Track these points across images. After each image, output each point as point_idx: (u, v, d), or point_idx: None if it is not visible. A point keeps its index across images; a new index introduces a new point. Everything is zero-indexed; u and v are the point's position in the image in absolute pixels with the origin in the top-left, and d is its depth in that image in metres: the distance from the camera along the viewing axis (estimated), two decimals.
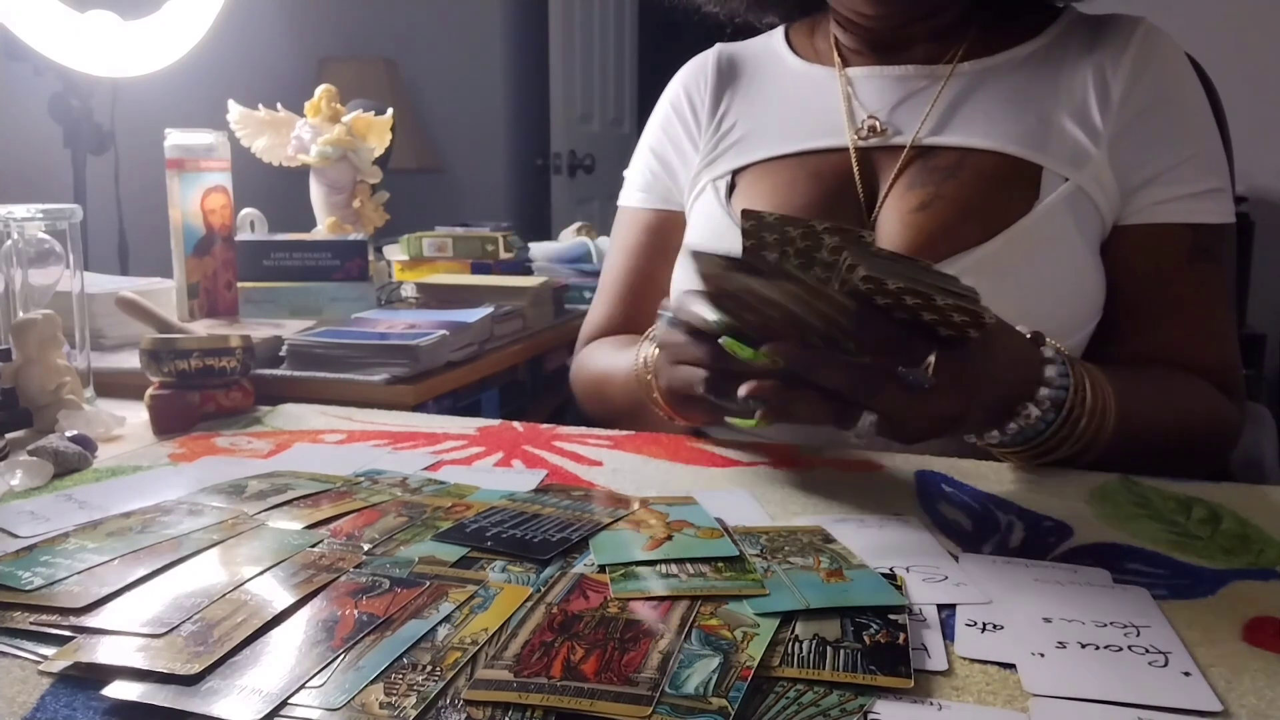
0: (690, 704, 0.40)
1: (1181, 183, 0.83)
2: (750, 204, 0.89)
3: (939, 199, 0.83)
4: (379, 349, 0.99)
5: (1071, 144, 0.83)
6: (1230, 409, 0.83)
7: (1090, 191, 0.82)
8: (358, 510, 0.63)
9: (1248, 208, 2.76)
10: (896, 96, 0.90)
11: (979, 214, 0.81)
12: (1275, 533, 0.61)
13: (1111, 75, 0.85)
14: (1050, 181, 0.82)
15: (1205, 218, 0.83)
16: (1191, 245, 0.83)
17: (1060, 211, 0.81)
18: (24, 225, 0.88)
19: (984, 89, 0.88)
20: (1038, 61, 0.88)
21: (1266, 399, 2.90)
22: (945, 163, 0.85)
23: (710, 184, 0.94)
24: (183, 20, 1.46)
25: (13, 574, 0.52)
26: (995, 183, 0.83)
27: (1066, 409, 0.68)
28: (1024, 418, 0.67)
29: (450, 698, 0.41)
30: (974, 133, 0.85)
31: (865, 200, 0.87)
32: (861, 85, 0.92)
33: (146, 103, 1.93)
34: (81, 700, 0.42)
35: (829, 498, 0.68)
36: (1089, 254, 0.83)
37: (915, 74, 0.90)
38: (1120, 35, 0.87)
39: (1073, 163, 0.83)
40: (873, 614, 0.48)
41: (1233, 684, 0.43)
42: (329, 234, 1.44)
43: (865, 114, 0.90)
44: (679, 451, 0.79)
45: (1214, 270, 0.84)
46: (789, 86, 0.96)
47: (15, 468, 0.70)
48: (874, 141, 0.88)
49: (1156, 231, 0.83)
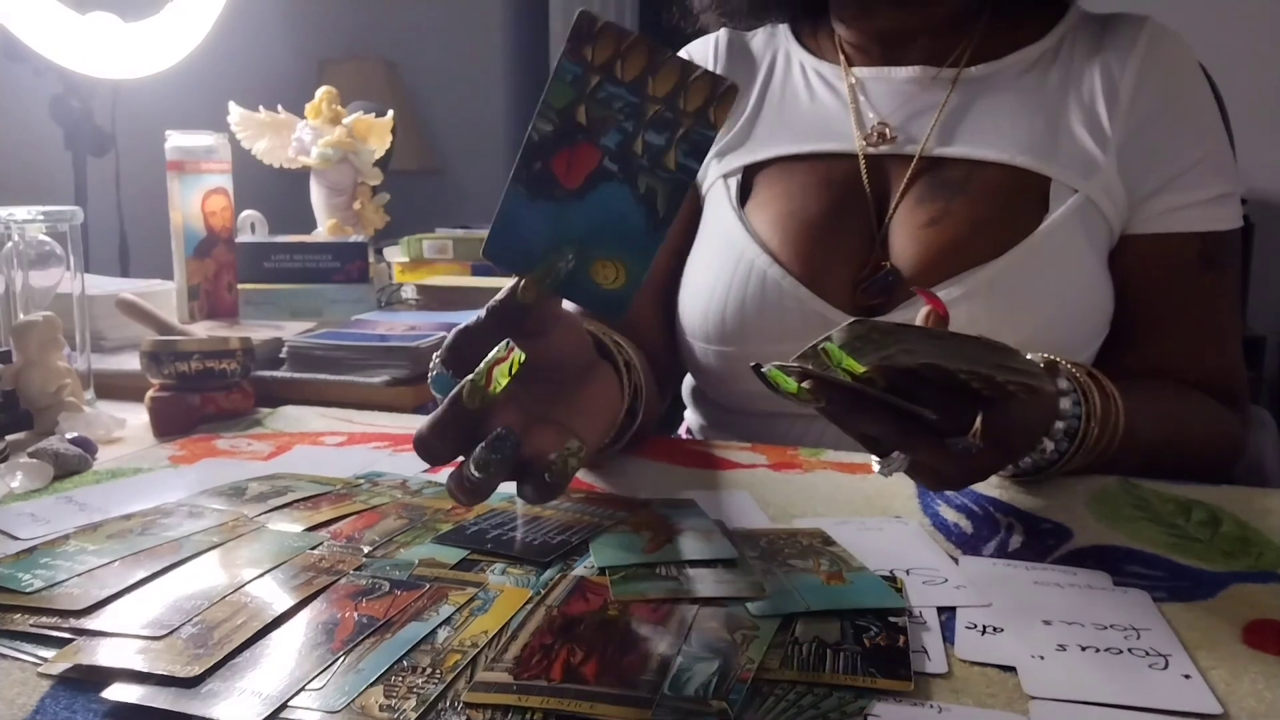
0: (690, 706, 0.40)
1: (1189, 189, 0.82)
2: (763, 210, 0.88)
3: (948, 215, 0.82)
4: (379, 351, 0.99)
5: (1081, 152, 0.83)
6: (1234, 423, 0.82)
7: (1099, 202, 0.82)
8: (358, 512, 0.63)
9: (1248, 208, 2.73)
10: (904, 101, 0.89)
11: (988, 230, 0.81)
12: (1275, 535, 0.61)
13: (1119, 76, 0.84)
14: (1059, 194, 0.82)
15: (1213, 225, 0.83)
16: (1199, 254, 0.82)
17: (1069, 225, 0.81)
18: (24, 227, 0.89)
19: (991, 95, 0.87)
20: (1045, 64, 0.88)
21: (1267, 401, 2.90)
22: (954, 176, 0.84)
23: (721, 180, 0.92)
24: (183, 22, 1.46)
25: (13, 576, 0.52)
26: (1004, 197, 0.82)
27: (1079, 438, 0.66)
28: (1039, 452, 0.66)
29: (450, 700, 0.41)
30: (982, 142, 0.85)
31: (875, 208, 0.86)
32: (869, 87, 0.92)
33: (147, 104, 1.93)
34: (81, 703, 0.42)
35: (829, 500, 0.67)
36: (1098, 266, 0.82)
37: (921, 76, 0.90)
38: (1126, 35, 0.86)
39: (1082, 173, 0.82)
40: (873, 616, 0.48)
41: (1233, 686, 0.43)
42: (329, 236, 1.44)
43: (874, 119, 0.89)
44: (679, 453, 0.79)
45: (1221, 279, 0.83)
46: (797, 81, 0.96)
47: (15, 470, 0.70)
48: (884, 149, 0.88)
49: (1164, 241, 0.83)
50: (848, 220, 0.86)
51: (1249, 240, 2.77)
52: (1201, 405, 0.81)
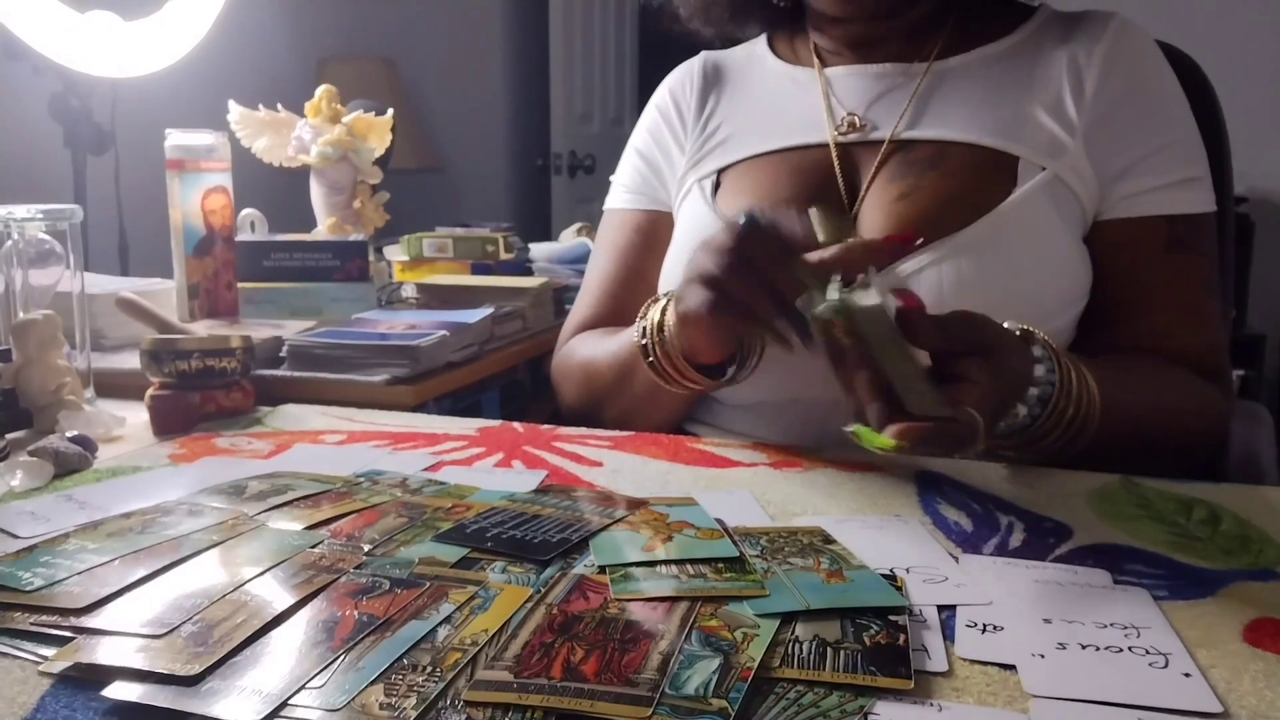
0: (690, 705, 0.40)
1: (1156, 173, 0.83)
2: (735, 200, 0.91)
3: (919, 189, 0.84)
4: (379, 349, 0.99)
5: (1047, 136, 0.84)
6: (1215, 395, 0.83)
7: (1068, 180, 0.83)
8: (358, 511, 0.63)
9: (1248, 208, 2.76)
10: (874, 93, 0.91)
11: (958, 202, 0.82)
12: (1275, 533, 0.61)
13: (1085, 67, 0.86)
14: (1027, 171, 0.83)
15: (1180, 208, 0.84)
16: (1168, 237, 0.83)
17: (1038, 197, 0.82)
18: (24, 225, 0.89)
19: (959, 84, 0.89)
20: (1012, 56, 0.90)
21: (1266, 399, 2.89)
22: (924, 155, 0.86)
23: (696, 184, 0.95)
24: (183, 20, 1.46)
25: (13, 574, 0.52)
26: (974, 172, 0.84)
27: (1052, 404, 0.69)
28: (1011, 416, 0.69)
29: (450, 698, 0.41)
30: (951, 126, 0.86)
31: (846, 194, 0.88)
32: (840, 83, 0.94)
33: (147, 103, 1.93)
34: (81, 701, 0.42)
35: (829, 498, 0.68)
36: (1070, 237, 0.83)
37: (892, 71, 0.92)
38: (1093, 29, 0.88)
39: (1049, 153, 0.84)
40: (873, 615, 0.48)
41: (1233, 685, 0.43)
42: (329, 234, 1.44)
43: (844, 111, 0.91)
44: (679, 452, 0.79)
45: (1192, 260, 0.84)
46: (771, 87, 0.98)
47: (15, 468, 0.70)
48: (853, 137, 0.90)
49: (1132, 225, 0.84)
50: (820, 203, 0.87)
51: (1249, 240, 2.77)
52: (1182, 376, 0.82)
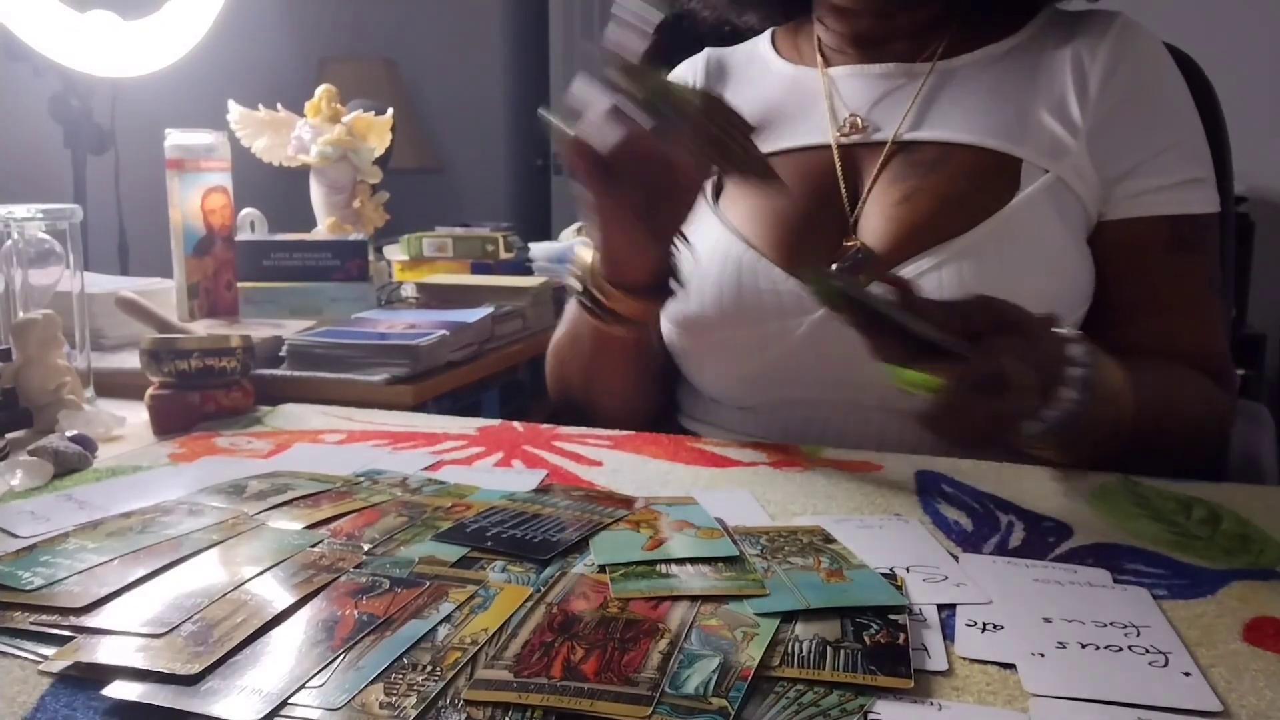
0: (690, 704, 0.40)
1: (1159, 174, 0.83)
2: (736, 206, 0.90)
3: (920, 192, 0.84)
4: (379, 349, 0.99)
5: (1050, 137, 0.84)
6: (1222, 395, 0.83)
7: (1070, 182, 0.83)
8: (358, 510, 0.63)
9: (1248, 208, 2.76)
10: (877, 94, 0.91)
11: (960, 205, 0.82)
12: (1275, 533, 0.61)
13: (1089, 68, 0.86)
14: (1030, 173, 0.83)
15: (1183, 208, 0.84)
16: (1170, 237, 0.83)
17: (1040, 200, 0.82)
18: (24, 225, 0.89)
19: (962, 84, 0.89)
20: (1015, 56, 0.89)
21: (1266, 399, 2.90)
22: (926, 157, 0.86)
23: None
24: (183, 20, 1.46)
25: (13, 574, 0.52)
26: (976, 175, 0.83)
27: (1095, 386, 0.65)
28: (1056, 401, 0.64)
29: (450, 698, 0.41)
30: (953, 127, 0.86)
31: (848, 196, 0.88)
32: (843, 84, 0.93)
33: (146, 103, 1.93)
34: (81, 700, 0.42)
35: (829, 498, 0.68)
36: (1072, 241, 0.83)
37: (895, 71, 0.91)
38: (1097, 29, 0.88)
39: (1051, 155, 0.83)
40: (873, 614, 0.48)
41: (1233, 684, 0.43)
42: (329, 234, 1.44)
43: (846, 112, 0.91)
44: (679, 451, 0.79)
45: (1195, 261, 0.84)
46: (773, 87, 0.98)
47: (15, 468, 0.70)
48: (855, 138, 0.89)
49: (1134, 226, 0.84)
50: (822, 207, 0.87)
51: (1249, 240, 2.77)
52: (1190, 376, 0.82)
